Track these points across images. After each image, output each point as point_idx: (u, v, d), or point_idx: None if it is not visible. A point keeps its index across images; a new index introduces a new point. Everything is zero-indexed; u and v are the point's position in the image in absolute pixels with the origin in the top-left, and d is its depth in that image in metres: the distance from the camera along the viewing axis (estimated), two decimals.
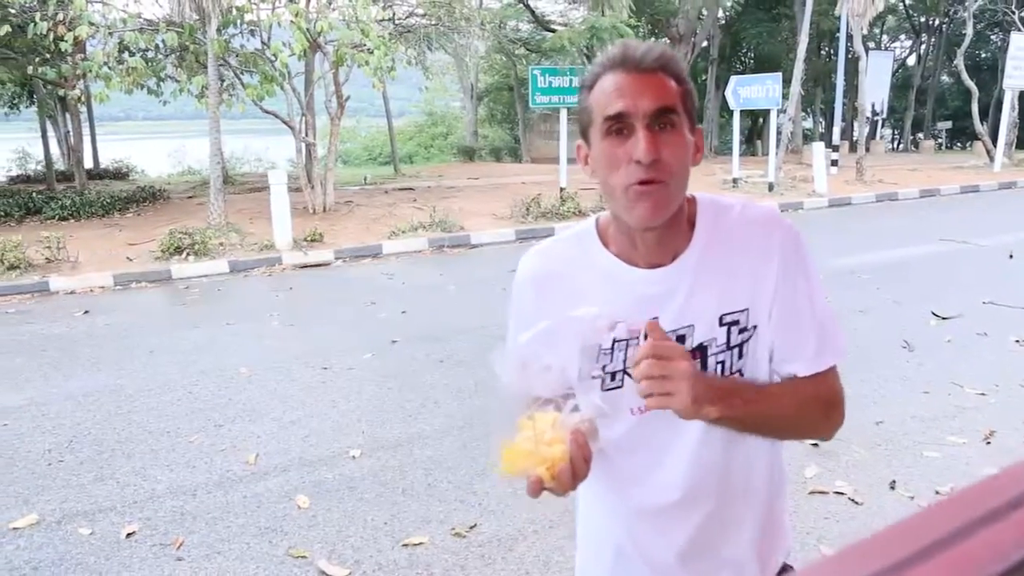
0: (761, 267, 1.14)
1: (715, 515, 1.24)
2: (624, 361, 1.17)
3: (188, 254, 9.86)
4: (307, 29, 10.96)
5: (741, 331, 1.15)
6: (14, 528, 3.44)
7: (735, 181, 15.49)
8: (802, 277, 1.15)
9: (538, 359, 1.10)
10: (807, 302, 1.15)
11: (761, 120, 27.96)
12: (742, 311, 1.15)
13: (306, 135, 12.72)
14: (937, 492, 3.48)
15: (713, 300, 1.15)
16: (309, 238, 10.61)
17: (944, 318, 6.20)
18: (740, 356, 1.16)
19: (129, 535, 3.36)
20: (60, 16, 10.61)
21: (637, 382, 1.04)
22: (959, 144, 33.76)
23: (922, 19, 32.13)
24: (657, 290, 1.16)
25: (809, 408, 1.17)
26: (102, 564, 3.15)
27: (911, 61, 35.42)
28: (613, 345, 1.17)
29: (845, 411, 1.20)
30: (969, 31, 21.55)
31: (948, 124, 31.80)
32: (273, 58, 11.50)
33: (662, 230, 1.12)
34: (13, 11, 11.31)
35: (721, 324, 1.15)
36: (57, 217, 12.68)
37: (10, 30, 10.88)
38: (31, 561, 3.18)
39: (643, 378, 1.03)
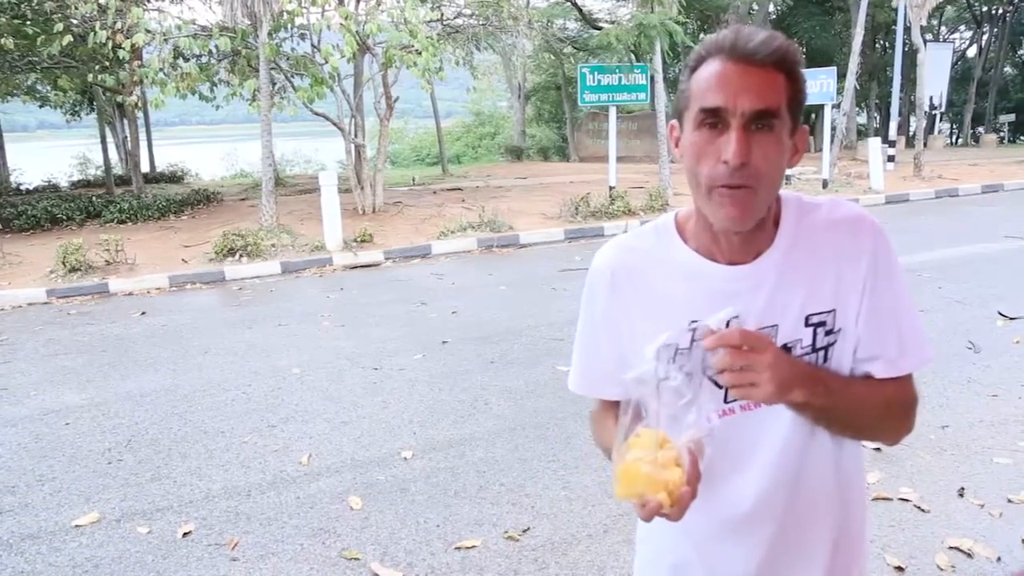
0: (849, 268, 1.10)
1: (786, 530, 1.18)
2: (703, 361, 1.12)
3: (241, 255, 10.02)
4: (356, 32, 11.05)
5: (828, 333, 1.11)
6: (76, 526, 3.51)
7: (788, 178, 15.17)
8: (889, 280, 1.12)
9: (667, 374, 1.06)
10: (893, 305, 1.12)
11: (814, 116, 27.37)
12: (829, 312, 1.10)
13: (355, 136, 12.83)
14: (1009, 500, 3.33)
15: (798, 299, 1.10)
16: (359, 239, 10.70)
17: (1012, 318, 5.97)
18: (825, 359, 1.12)
19: (185, 535, 3.40)
20: (119, 25, 10.87)
21: (718, 372, 1.01)
22: (1023, 137, 32.64)
23: (984, 8, 31.13)
24: (738, 288, 1.11)
25: (893, 409, 1.14)
26: (160, 563, 3.19)
27: (971, 52, 34.36)
28: (691, 345, 1.12)
29: (916, 420, 1.17)
30: None
31: (1011, 117, 30.71)
32: (323, 61, 11.63)
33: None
34: (75, 21, 11.62)
35: (807, 324, 1.10)
36: (116, 220, 13.04)
37: (72, 40, 11.19)
38: (92, 558, 3.24)
39: (725, 369, 1.00)
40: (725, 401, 1.14)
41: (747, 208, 1.03)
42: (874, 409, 1.12)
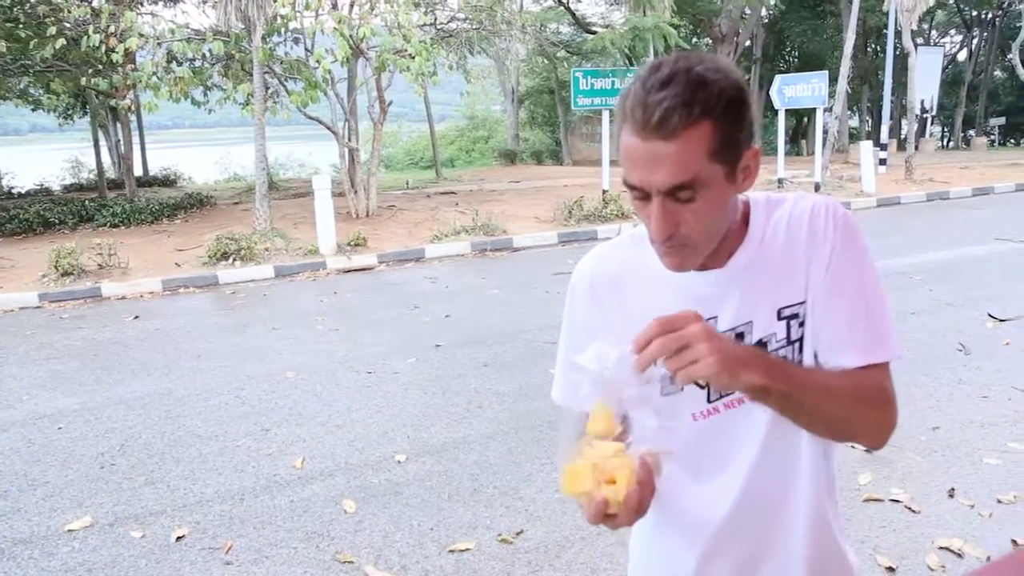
0: (815, 255, 1.09)
1: (773, 524, 1.19)
2: None
3: (234, 259, 10.01)
4: (350, 36, 11.05)
5: (801, 324, 1.11)
6: (69, 530, 3.51)
7: (780, 181, 15.24)
8: (854, 262, 1.09)
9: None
10: (858, 287, 1.08)
11: (806, 119, 27.52)
12: (800, 303, 1.10)
13: (349, 140, 12.84)
14: (999, 501, 3.36)
15: (769, 294, 1.10)
16: (353, 242, 10.70)
17: (1002, 320, 6.00)
18: (801, 350, 1.12)
19: (179, 539, 3.40)
20: (112, 28, 10.86)
21: (664, 362, 0.94)
22: (1013, 141, 32.87)
23: (973, 13, 31.34)
24: (712, 291, 1.12)
25: (865, 398, 1.07)
26: (153, 567, 3.19)
27: (961, 56, 34.58)
28: None
29: (897, 418, 1.11)
30: None
31: (1001, 120, 30.93)
32: (316, 65, 11.64)
33: None
34: (68, 25, 11.60)
35: (780, 318, 1.11)
36: (108, 224, 13.00)
37: (65, 43, 11.16)
38: (85, 563, 3.24)
39: (659, 356, 0.93)
40: (708, 400, 1.14)
41: (685, 259, 1.05)
42: (844, 396, 1.05)
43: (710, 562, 1.23)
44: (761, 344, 1.11)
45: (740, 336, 1.12)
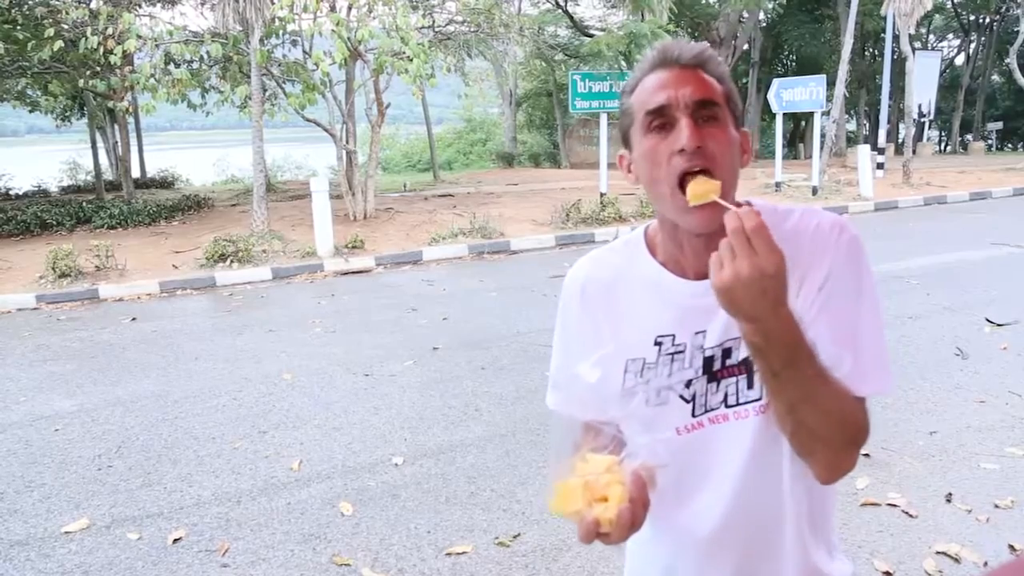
0: (811, 272, 1.05)
1: (756, 543, 1.17)
2: (669, 376, 1.11)
3: (232, 261, 10.01)
4: (348, 38, 11.06)
5: None
6: (66, 532, 3.50)
7: (778, 185, 15.26)
8: (852, 287, 1.05)
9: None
10: (851, 314, 1.04)
11: (803, 123, 27.57)
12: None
13: (347, 142, 12.83)
14: (996, 505, 3.36)
15: None
16: (350, 245, 10.70)
17: (999, 324, 6.01)
18: None
19: (176, 541, 3.39)
20: (110, 30, 10.85)
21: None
22: (1011, 145, 32.95)
23: (971, 17, 31.42)
24: (704, 302, 1.06)
25: (845, 418, 1.01)
26: (150, 569, 3.18)
27: (959, 61, 34.67)
28: (658, 359, 1.12)
29: (856, 462, 1.06)
30: (1023, 28, 21.01)
31: (999, 125, 31.04)
32: (314, 67, 11.64)
33: (709, 237, 1.02)
34: (66, 26, 11.60)
35: None
36: (106, 226, 12.98)
37: (63, 45, 11.17)
38: (82, 565, 3.23)
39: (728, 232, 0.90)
40: (693, 415, 1.12)
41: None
42: (833, 405, 0.99)
43: (703, 571, 1.22)
44: (748, 362, 1.07)
45: (728, 352, 1.09)
